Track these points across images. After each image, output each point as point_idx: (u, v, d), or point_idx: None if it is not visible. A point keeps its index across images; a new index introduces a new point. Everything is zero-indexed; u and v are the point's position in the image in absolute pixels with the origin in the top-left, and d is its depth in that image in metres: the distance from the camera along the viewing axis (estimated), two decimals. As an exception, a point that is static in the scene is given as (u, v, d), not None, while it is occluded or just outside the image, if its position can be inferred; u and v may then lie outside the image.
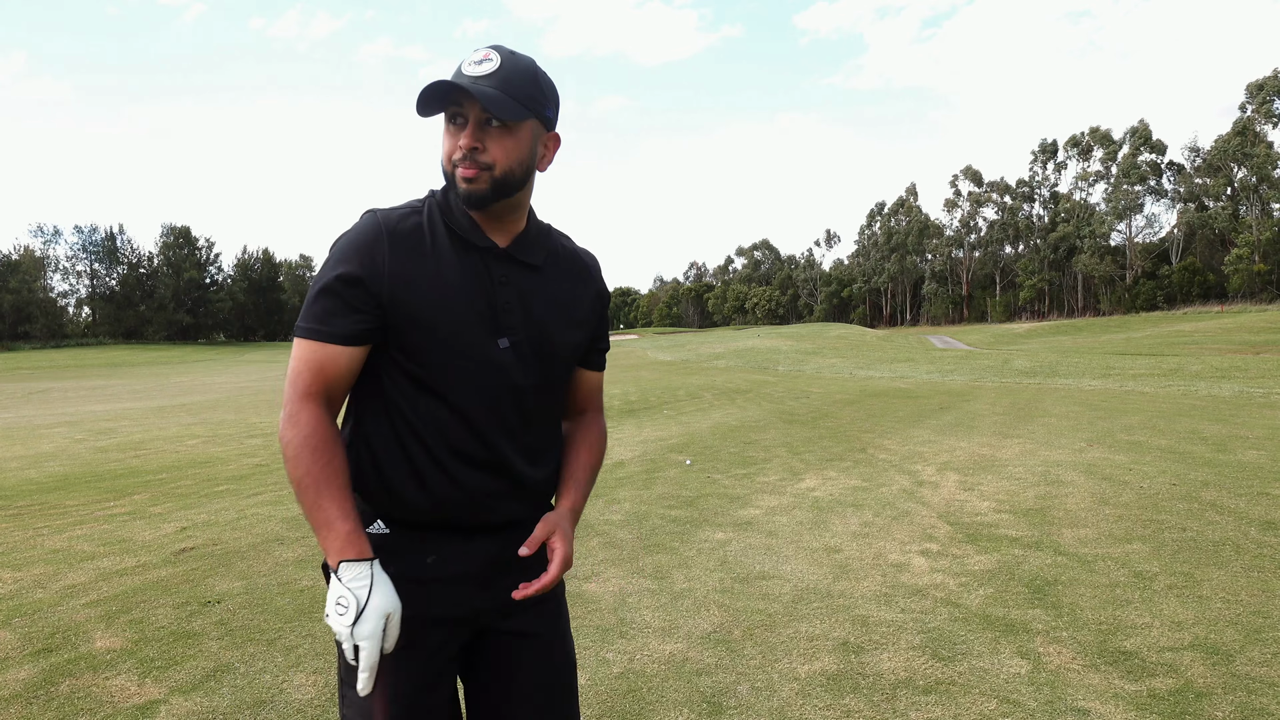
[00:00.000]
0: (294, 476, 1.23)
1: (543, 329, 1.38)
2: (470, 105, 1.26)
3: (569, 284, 1.45)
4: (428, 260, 1.30)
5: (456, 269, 1.31)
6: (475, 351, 1.31)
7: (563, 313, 1.42)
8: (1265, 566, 4.14)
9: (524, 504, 1.41)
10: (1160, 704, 2.71)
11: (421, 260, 1.29)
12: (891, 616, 3.57)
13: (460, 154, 1.27)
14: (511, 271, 1.36)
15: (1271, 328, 40.07)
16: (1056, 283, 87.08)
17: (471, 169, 1.27)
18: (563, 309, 1.42)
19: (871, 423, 10.76)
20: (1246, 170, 67.49)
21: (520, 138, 1.30)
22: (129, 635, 3.44)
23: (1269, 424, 9.62)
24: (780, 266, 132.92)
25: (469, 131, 1.26)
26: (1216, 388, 14.85)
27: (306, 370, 1.27)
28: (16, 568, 4.49)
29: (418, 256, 1.29)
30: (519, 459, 1.38)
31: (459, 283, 1.31)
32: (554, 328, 1.40)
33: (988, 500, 5.85)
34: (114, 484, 7.22)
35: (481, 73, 1.26)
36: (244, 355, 61.05)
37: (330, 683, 2.96)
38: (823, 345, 40.84)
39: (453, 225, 1.33)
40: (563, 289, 1.44)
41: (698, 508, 5.77)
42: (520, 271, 1.38)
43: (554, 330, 1.40)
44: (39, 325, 78.34)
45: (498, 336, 1.33)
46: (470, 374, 1.31)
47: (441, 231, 1.33)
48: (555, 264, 1.44)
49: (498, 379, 1.33)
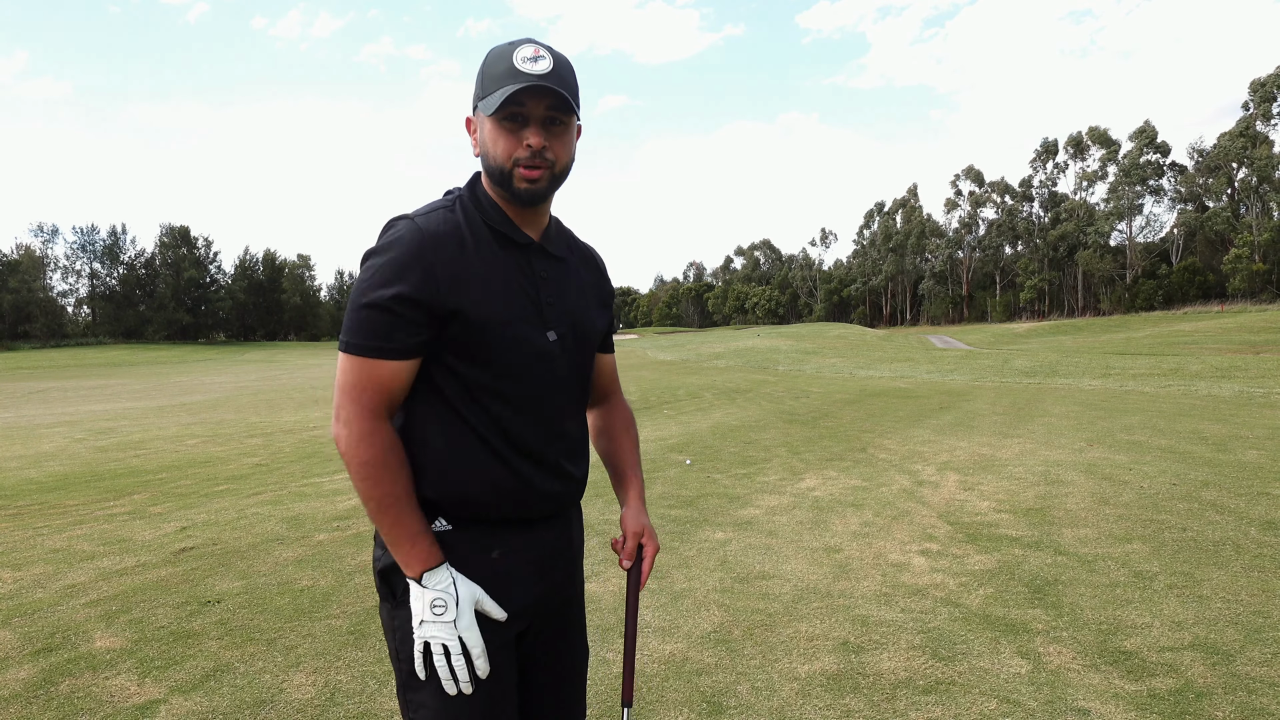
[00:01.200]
0: (373, 494, 1.25)
1: (579, 319, 1.43)
2: (535, 104, 1.27)
3: (588, 273, 1.52)
4: (473, 262, 1.30)
5: (502, 267, 1.33)
6: (529, 347, 1.33)
7: (591, 301, 1.49)
8: (1265, 566, 4.14)
9: (574, 492, 1.47)
10: (1160, 704, 2.71)
11: (468, 263, 1.29)
12: (891, 616, 3.57)
13: (528, 153, 1.28)
14: (549, 265, 1.41)
15: (1271, 328, 40.07)
16: (1056, 282, 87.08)
17: (537, 168, 1.28)
18: (590, 297, 1.49)
19: (871, 422, 10.76)
20: (1247, 170, 67.48)
21: (572, 133, 1.34)
22: (129, 635, 3.44)
23: (1269, 424, 9.62)
24: (780, 266, 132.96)
25: (536, 130, 1.27)
26: (1216, 387, 14.85)
27: (371, 387, 1.25)
28: (16, 567, 4.49)
29: (464, 260, 1.29)
30: (572, 448, 1.44)
31: (508, 280, 1.33)
32: (586, 316, 1.46)
33: (988, 500, 5.85)
34: (114, 484, 7.22)
35: (542, 70, 1.26)
36: (244, 355, 61.04)
37: (330, 682, 2.96)
38: (823, 345, 40.84)
39: (491, 223, 1.34)
40: (585, 278, 1.50)
41: (698, 508, 5.77)
42: (554, 264, 1.42)
43: (587, 319, 1.46)
44: (39, 325, 78.35)
45: (546, 330, 1.36)
46: (526, 369, 1.33)
47: (481, 231, 1.33)
48: (573, 254, 1.50)
49: (550, 372, 1.37)
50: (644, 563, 1.51)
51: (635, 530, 1.52)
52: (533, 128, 1.27)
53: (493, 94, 1.27)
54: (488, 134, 1.30)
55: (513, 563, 1.37)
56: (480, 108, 1.30)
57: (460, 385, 1.31)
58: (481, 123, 1.32)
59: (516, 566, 1.38)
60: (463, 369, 1.30)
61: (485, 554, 1.34)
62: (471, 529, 1.35)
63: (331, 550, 4.75)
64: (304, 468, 7.86)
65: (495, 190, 1.35)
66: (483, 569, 1.34)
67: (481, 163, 1.35)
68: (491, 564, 1.35)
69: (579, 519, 1.57)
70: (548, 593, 1.44)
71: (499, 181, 1.31)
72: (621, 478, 1.60)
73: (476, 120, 1.35)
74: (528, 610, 1.40)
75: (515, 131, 1.27)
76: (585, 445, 1.50)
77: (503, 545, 1.36)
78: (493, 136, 1.29)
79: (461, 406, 1.32)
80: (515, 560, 1.37)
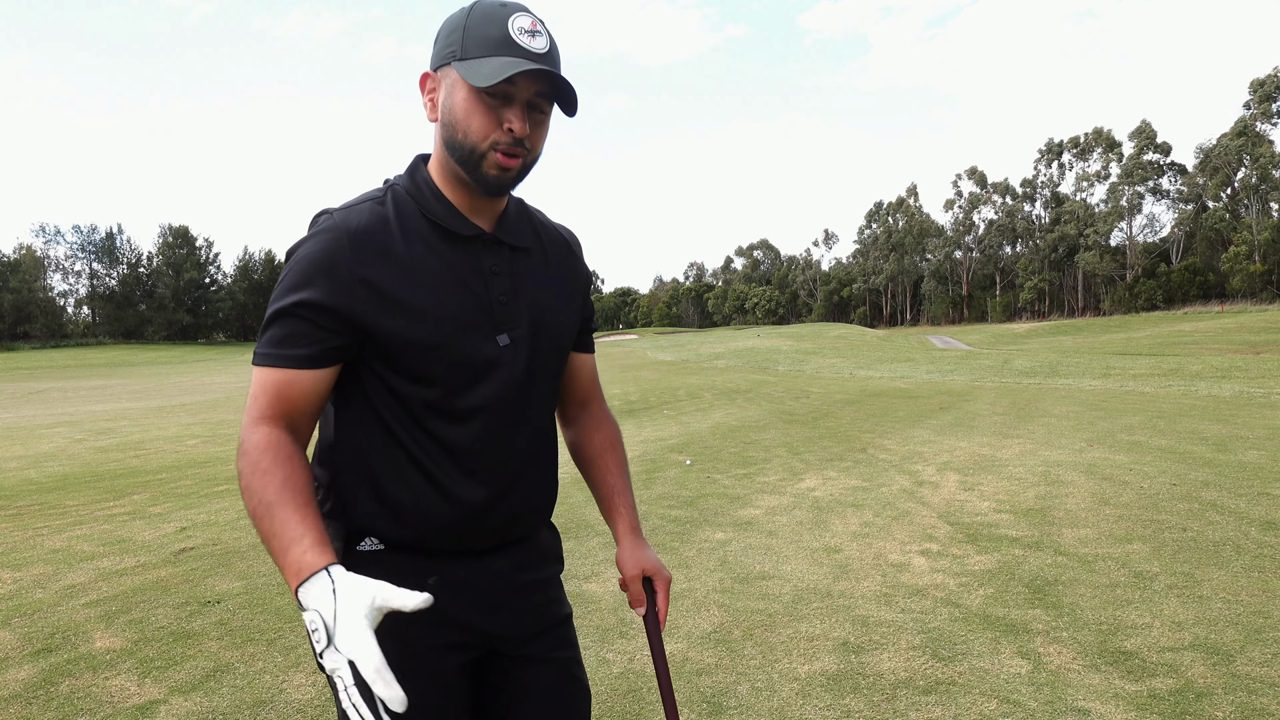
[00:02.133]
0: (246, 502, 1.05)
1: (541, 317, 1.24)
2: (527, 85, 1.10)
3: (559, 263, 1.31)
4: (400, 262, 1.13)
5: (439, 265, 1.15)
6: (473, 354, 1.16)
7: (558, 296, 1.29)
8: (1265, 566, 4.14)
9: (533, 518, 1.29)
10: (1160, 704, 2.71)
11: (394, 263, 1.12)
12: (891, 616, 3.57)
13: (508, 138, 1.10)
14: (502, 258, 1.21)
15: (1271, 328, 40.07)
16: (1057, 283, 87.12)
17: (515, 156, 1.12)
18: (558, 292, 1.29)
19: (871, 423, 10.76)
20: (1247, 169, 67.54)
21: (548, 121, 1.17)
22: (129, 635, 3.44)
23: (1269, 424, 9.62)
24: (780, 266, 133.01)
25: (521, 114, 1.10)
26: (1217, 388, 14.85)
27: (263, 395, 1.10)
28: (16, 568, 4.49)
29: (389, 260, 1.12)
30: (531, 466, 1.25)
31: (444, 280, 1.15)
32: (552, 314, 1.26)
33: (988, 500, 5.85)
34: (114, 484, 7.22)
35: (540, 48, 1.10)
36: (244, 355, 61.03)
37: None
38: (823, 345, 40.83)
39: (430, 215, 1.16)
40: (554, 270, 1.30)
41: (698, 508, 5.77)
42: (511, 256, 1.23)
43: (553, 316, 1.26)
44: (39, 325, 78.41)
45: (496, 334, 1.18)
46: (470, 381, 1.16)
47: (416, 224, 1.15)
48: (541, 243, 1.30)
49: (501, 382, 1.18)
50: (659, 600, 1.33)
51: (634, 573, 1.33)
52: (517, 109, 1.10)
53: (480, 60, 1.07)
54: (460, 104, 1.10)
55: (455, 594, 1.18)
56: (460, 71, 1.08)
57: (391, 396, 1.15)
58: (451, 87, 1.11)
59: (459, 598, 1.19)
60: (393, 380, 1.14)
61: (420, 579, 1.14)
62: (405, 552, 1.18)
63: (331, 550, 4.75)
64: (304, 468, 7.85)
65: (448, 171, 1.16)
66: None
67: (441, 133, 1.14)
68: (428, 589, 1.12)
69: (550, 541, 1.36)
70: (509, 625, 1.25)
71: (463, 161, 1.12)
72: (609, 507, 1.39)
73: (441, 80, 1.13)
74: (475, 640, 1.22)
75: (495, 109, 1.09)
76: (551, 460, 1.30)
77: (440, 572, 1.18)
78: (467, 109, 1.09)
79: (393, 420, 1.15)
80: (458, 591, 1.19)
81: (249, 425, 1.10)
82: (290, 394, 1.11)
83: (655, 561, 1.34)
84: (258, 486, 1.04)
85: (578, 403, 1.44)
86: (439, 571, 1.18)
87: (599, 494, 1.41)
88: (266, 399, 1.10)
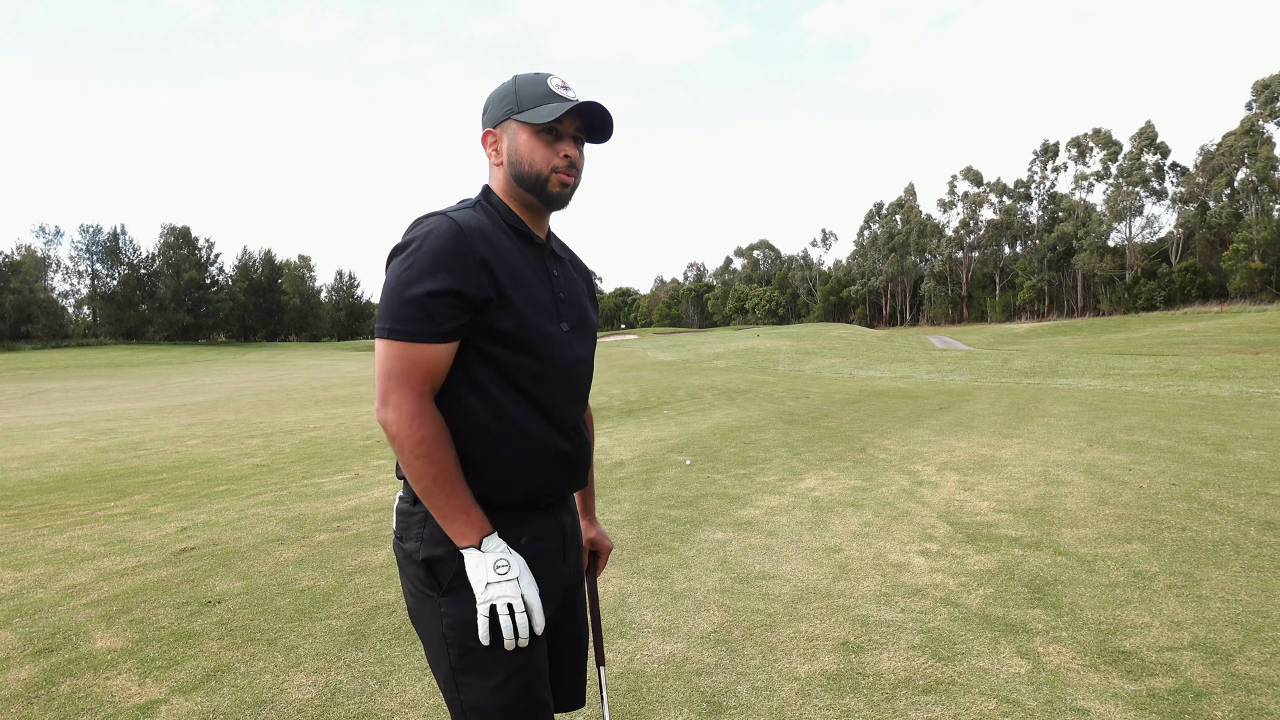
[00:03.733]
0: (428, 472, 1.33)
1: (583, 314, 1.59)
2: (569, 124, 1.48)
3: (578, 271, 1.68)
4: (505, 252, 1.43)
5: (525, 262, 1.47)
6: (551, 336, 1.46)
7: (586, 296, 1.65)
8: (1265, 566, 4.14)
9: (584, 478, 1.59)
10: (1160, 704, 2.71)
11: (501, 252, 1.42)
12: (891, 616, 3.57)
13: (565, 162, 1.47)
14: (557, 263, 1.57)
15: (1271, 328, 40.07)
16: (1056, 283, 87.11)
17: (571, 175, 1.48)
18: (585, 293, 1.66)
19: (871, 423, 10.76)
20: (1248, 170, 67.53)
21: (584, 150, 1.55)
22: (129, 635, 3.44)
23: (1268, 424, 9.62)
24: (780, 267, 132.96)
25: (571, 144, 1.48)
26: (1216, 388, 14.85)
27: (416, 370, 1.34)
28: (17, 568, 4.49)
29: (495, 252, 1.41)
30: (585, 435, 1.58)
31: (531, 274, 1.47)
32: (587, 310, 1.62)
33: (987, 500, 5.85)
34: (114, 484, 7.23)
35: (575, 98, 1.48)
36: (244, 355, 61.02)
37: (331, 682, 2.96)
38: (822, 345, 40.82)
39: (511, 223, 1.49)
40: (579, 276, 1.67)
41: (698, 508, 5.77)
42: (559, 263, 1.59)
43: (587, 315, 1.61)
44: (40, 325, 78.42)
45: (560, 321, 1.50)
46: (550, 359, 1.46)
47: (504, 228, 1.47)
48: (568, 255, 1.67)
49: (568, 361, 1.50)
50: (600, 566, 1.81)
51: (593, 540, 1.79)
52: (567, 142, 1.47)
53: (535, 108, 1.44)
54: (524, 144, 1.46)
55: (540, 548, 1.48)
56: (524, 118, 1.45)
57: (494, 368, 1.41)
58: (514, 134, 1.47)
59: (544, 551, 1.49)
60: (495, 349, 1.40)
61: (515, 541, 1.44)
62: (502, 517, 1.43)
63: (332, 551, 4.76)
64: (304, 468, 7.86)
65: (516, 195, 1.50)
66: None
67: (509, 170, 1.48)
68: (521, 549, 1.44)
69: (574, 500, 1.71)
70: (567, 574, 1.58)
71: (531, 187, 1.47)
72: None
73: (504, 134, 1.50)
74: (554, 593, 1.52)
75: (551, 144, 1.45)
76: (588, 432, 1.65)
77: (530, 531, 1.47)
78: (530, 146, 1.46)
79: (495, 389, 1.41)
80: (542, 546, 1.48)
81: (418, 398, 1.35)
82: (434, 367, 1.36)
83: (601, 535, 1.80)
84: (440, 457, 1.34)
85: None
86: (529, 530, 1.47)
87: None
88: (419, 373, 1.35)
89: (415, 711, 2.74)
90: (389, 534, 5.08)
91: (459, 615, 1.40)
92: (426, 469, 1.33)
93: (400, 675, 3.02)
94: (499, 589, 1.33)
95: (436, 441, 1.33)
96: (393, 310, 1.34)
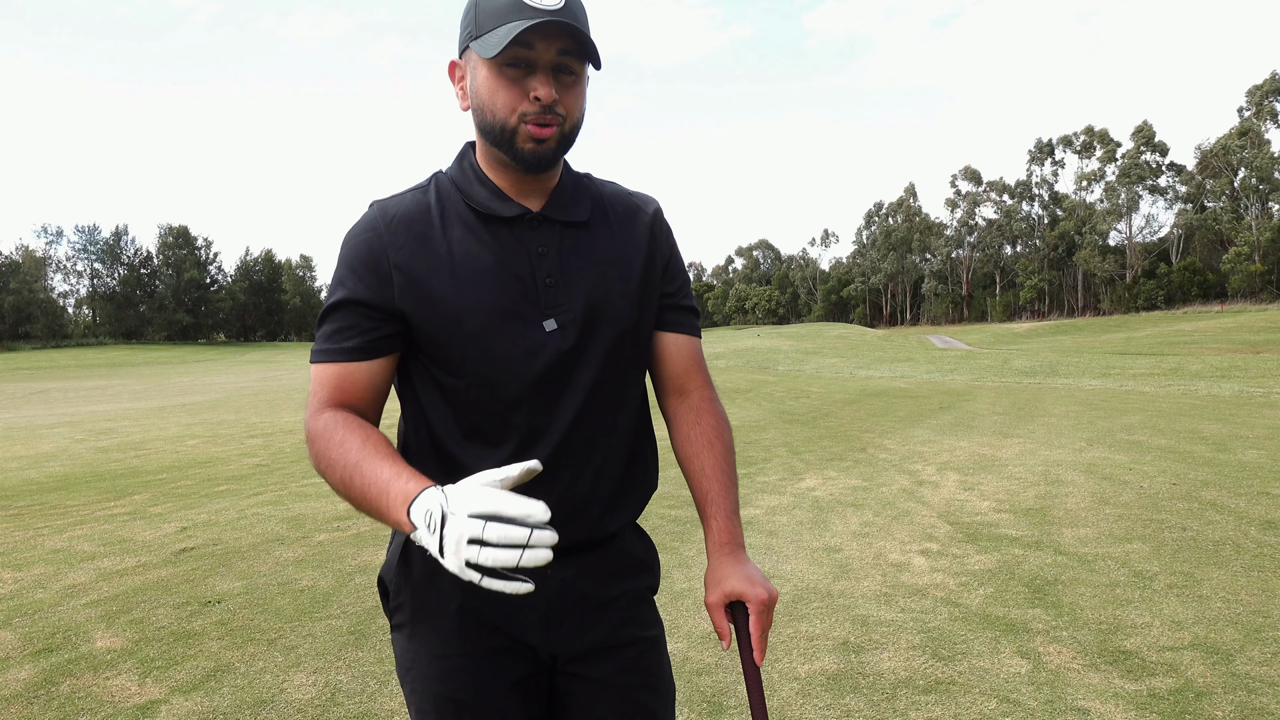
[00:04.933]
0: (330, 478, 1.01)
1: (600, 296, 1.13)
2: (545, 47, 1.01)
3: (623, 234, 1.20)
4: (437, 249, 1.09)
5: (480, 250, 1.10)
6: (513, 345, 1.08)
7: (617, 270, 1.16)
8: (1265, 566, 4.14)
9: (595, 518, 1.16)
10: (1160, 704, 2.71)
11: (430, 250, 1.09)
12: (891, 616, 3.57)
13: (535, 106, 1.03)
14: (551, 237, 1.13)
15: (1271, 327, 40.08)
16: (1056, 282, 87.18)
17: (547, 125, 1.04)
18: (617, 266, 1.17)
19: (871, 422, 10.76)
20: (1247, 170, 67.63)
21: (584, 85, 1.09)
22: (129, 635, 3.44)
23: (1269, 424, 9.62)
24: (780, 266, 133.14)
25: (545, 79, 1.03)
26: (1216, 387, 14.85)
27: (321, 388, 1.09)
28: (17, 568, 4.49)
29: (426, 247, 1.09)
30: (580, 462, 1.14)
31: (485, 265, 1.09)
32: (611, 292, 1.15)
33: (988, 500, 5.85)
34: (114, 484, 7.23)
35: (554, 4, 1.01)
36: (244, 355, 61.03)
37: (331, 682, 2.96)
38: (822, 345, 40.82)
39: (470, 200, 1.11)
40: (617, 242, 1.18)
41: (698, 507, 5.77)
42: (562, 233, 1.14)
43: (610, 296, 1.14)
44: (40, 325, 78.50)
45: (543, 319, 1.10)
46: (509, 371, 1.09)
47: (458, 209, 1.11)
48: (603, 215, 1.20)
49: (548, 371, 1.10)
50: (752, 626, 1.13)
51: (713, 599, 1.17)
52: (540, 76, 1.03)
53: (491, 32, 1.01)
54: (483, 83, 1.05)
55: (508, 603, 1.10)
56: (474, 49, 1.04)
57: (434, 387, 1.12)
58: (474, 69, 1.06)
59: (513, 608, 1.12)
60: (433, 370, 1.11)
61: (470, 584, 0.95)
62: None
63: (332, 550, 4.75)
64: (304, 468, 7.86)
65: (490, 154, 1.11)
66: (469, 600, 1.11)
67: (474, 118, 1.10)
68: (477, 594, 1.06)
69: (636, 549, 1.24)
70: (566, 642, 1.16)
71: (497, 141, 1.07)
72: (702, 517, 1.22)
73: (465, 65, 1.09)
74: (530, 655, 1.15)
75: (519, 80, 1.03)
76: (616, 453, 1.18)
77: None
78: (490, 86, 1.04)
79: (438, 421, 1.12)
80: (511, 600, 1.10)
81: (312, 416, 1.08)
82: (347, 385, 1.09)
83: (745, 582, 1.15)
84: (337, 457, 1.00)
85: (673, 392, 1.27)
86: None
87: (695, 500, 1.24)
88: (325, 392, 1.09)
89: (415, 711, 2.74)
90: (389, 534, 5.08)
91: (402, 660, 1.17)
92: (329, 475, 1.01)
93: (400, 675, 3.02)
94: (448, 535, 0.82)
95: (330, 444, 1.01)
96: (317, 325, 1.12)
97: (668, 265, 1.23)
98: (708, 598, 1.17)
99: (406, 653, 1.16)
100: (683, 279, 1.27)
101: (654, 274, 1.21)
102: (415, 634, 1.15)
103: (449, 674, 1.13)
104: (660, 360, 1.25)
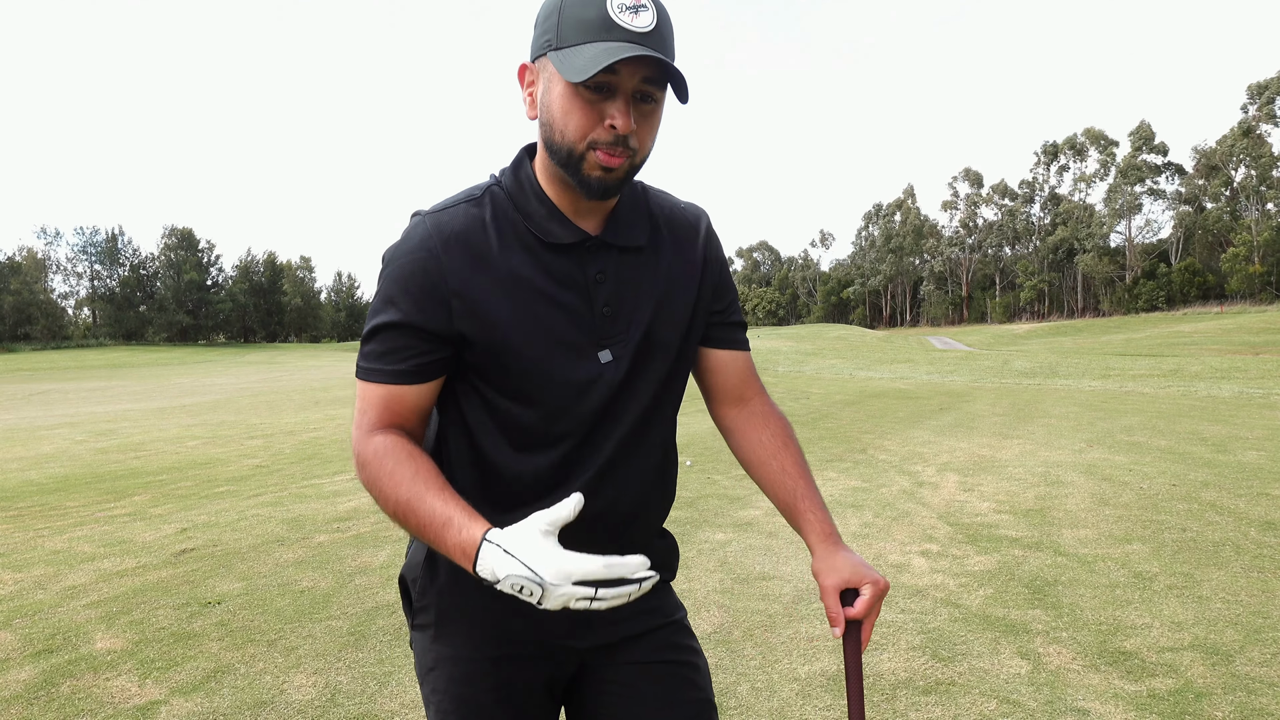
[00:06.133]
0: (390, 513, 1.01)
1: (655, 322, 1.11)
2: (630, 72, 0.95)
3: (679, 256, 1.16)
4: (495, 270, 1.04)
5: (539, 275, 1.06)
6: (570, 376, 1.06)
7: (673, 298, 1.14)
8: (1265, 567, 4.14)
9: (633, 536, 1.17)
10: (1160, 704, 2.71)
11: (490, 273, 1.04)
12: (891, 616, 3.57)
13: (610, 135, 0.97)
14: (609, 262, 1.09)
15: (1271, 328, 40.10)
16: (1056, 284, 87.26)
17: (619, 156, 0.99)
18: (673, 293, 1.14)
19: (871, 423, 10.76)
20: (1246, 170, 67.68)
21: (661, 110, 1.03)
22: (129, 636, 3.44)
23: (1269, 424, 9.62)
24: (780, 267, 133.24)
25: (624, 108, 0.97)
26: (1216, 388, 14.85)
27: (370, 409, 1.07)
28: (17, 569, 4.49)
29: (485, 269, 1.04)
30: (624, 487, 1.13)
31: (544, 292, 1.05)
32: (666, 322, 1.13)
33: (988, 501, 5.85)
34: (114, 485, 7.23)
35: (645, 25, 0.95)
36: (244, 356, 61.01)
37: (331, 683, 2.96)
38: (822, 346, 40.84)
39: (530, 222, 1.06)
40: (674, 265, 1.15)
41: (698, 508, 5.77)
42: (620, 259, 1.10)
43: (665, 325, 1.13)
44: (40, 326, 78.52)
45: (598, 350, 1.07)
46: (566, 403, 1.07)
47: (514, 228, 1.06)
48: (659, 236, 1.16)
49: (593, 404, 1.08)
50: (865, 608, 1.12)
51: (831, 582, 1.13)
52: (620, 103, 0.96)
53: (575, 49, 0.95)
54: (557, 99, 0.98)
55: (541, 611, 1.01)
56: (555, 65, 0.97)
57: (485, 411, 1.10)
58: (549, 80, 1.00)
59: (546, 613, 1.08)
60: (490, 395, 1.08)
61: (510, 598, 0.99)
62: None
63: (332, 551, 4.76)
64: (304, 469, 7.86)
65: (552, 170, 1.05)
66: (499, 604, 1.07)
67: (540, 131, 1.04)
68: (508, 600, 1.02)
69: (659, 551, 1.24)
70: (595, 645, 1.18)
71: (563, 163, 1.01)
72: (794, 513, 1.20)
73: (539, 72, 1.02)
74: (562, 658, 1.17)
75: (596, 104, 0.97)
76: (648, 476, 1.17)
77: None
78: (564, 105, 0.97)
79: (480, 433, 1.10)
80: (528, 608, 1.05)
81: (362, 438, 1.06)
82: (396, 407, 1.07)
83: (862, 568, 1.13)
84: (389, 489, 1.00)
85: (732, 402, 1.28)
86: None
87: (778, 500, 1.23)
88: (375, 412, 1.07)
89: (416, 712, 2.74)
90: (389, 534, 5.08)
91: (423, 660, 1.17)
92: (384, 506, 1.02)
93: (400, 676, 3.02)
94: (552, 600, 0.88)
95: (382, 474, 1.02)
96: (362, 339, 1.08)
97: (718, 284, 1.23)
98: (824, 583, 1.15)
99: (429, 653, 1.17)
100: (732, 295, 1.27)
101: (705, 297, 1.19)
102: (440, 635, 1.16)
103: (474, 676, 1.14)
104: (715, 374, 1.27)
